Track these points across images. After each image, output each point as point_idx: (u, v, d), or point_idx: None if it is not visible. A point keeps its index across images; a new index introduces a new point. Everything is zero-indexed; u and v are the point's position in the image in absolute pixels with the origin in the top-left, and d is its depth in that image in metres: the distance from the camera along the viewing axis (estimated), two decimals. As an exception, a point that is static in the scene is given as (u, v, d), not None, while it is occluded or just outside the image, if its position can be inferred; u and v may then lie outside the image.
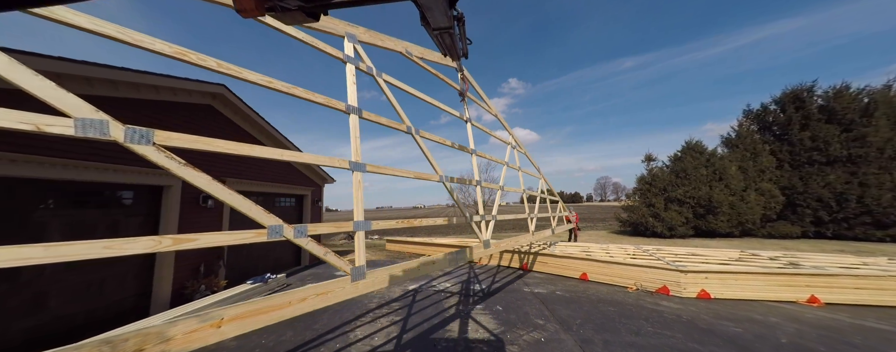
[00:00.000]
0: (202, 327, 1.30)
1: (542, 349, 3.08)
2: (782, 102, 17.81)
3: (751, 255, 6.36)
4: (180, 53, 1.47)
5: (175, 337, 1.20)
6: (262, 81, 1.76)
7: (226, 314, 1.37)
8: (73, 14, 1.24)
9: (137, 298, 4.29)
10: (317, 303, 1.68)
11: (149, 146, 1.26)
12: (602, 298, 4.79)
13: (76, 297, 3.71)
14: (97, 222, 4.08)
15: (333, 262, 1.80)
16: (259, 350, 3.17)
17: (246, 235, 1.49)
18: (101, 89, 3.87)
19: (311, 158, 1.88)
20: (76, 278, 3.61)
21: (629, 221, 17.58)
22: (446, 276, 6.38)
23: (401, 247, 11.57)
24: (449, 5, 0.79)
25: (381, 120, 2.47)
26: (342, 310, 4.31)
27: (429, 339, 3.35)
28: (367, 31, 2.55)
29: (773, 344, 3.17)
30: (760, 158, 16.57)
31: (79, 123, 1.10)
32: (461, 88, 3.50)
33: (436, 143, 3.19)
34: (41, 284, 3.36)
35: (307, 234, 1.69)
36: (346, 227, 1.97)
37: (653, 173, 18.07)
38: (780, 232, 15.05)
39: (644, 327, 3.60)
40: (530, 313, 4.14)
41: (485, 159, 4.20)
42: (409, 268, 2.29)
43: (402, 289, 5.38)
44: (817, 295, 4.57)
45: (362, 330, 3.65)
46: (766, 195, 15.60)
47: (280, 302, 1.55)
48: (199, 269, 4.72)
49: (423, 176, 2.84)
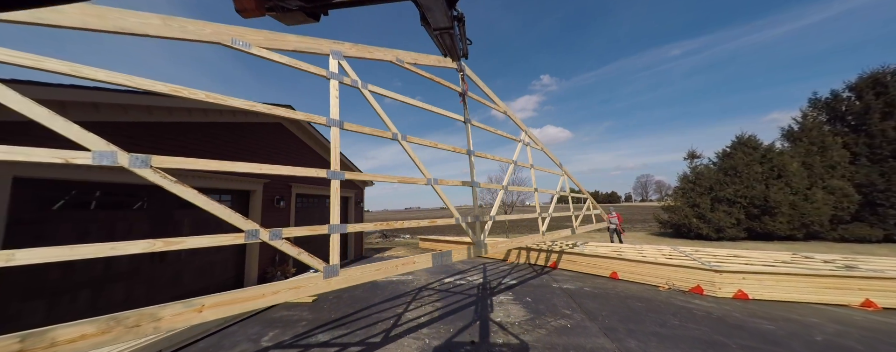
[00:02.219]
0: (186, 311, 1.48)
1: (569, 333, 3.45)
2: (859, 89, 15.69)
3: (803, 257, 6.01)
4: (175, 91, 1.64)
5: (165, 317, 1.42)
6: (245, 106, 1.92)
7: (206, 302, 1.54)
8: (90, 70, 1.41)
9: (235, 278, 5.42)
10: (289, 296, 1.81)
11: (147, 169, 1.45)
12: (631, 294, 4.95)
13: (198, 275, 4.90)
14: (209, 218, 5.23)
15: (307, 260, 1.93)
16: (329, 323, 3.91)
17: (224, 238, 1.62)
18: (216, 117, 5.19)
19: (290, 169, 2.04)
20: (198, 261, 4.76)
21: (670, 222, 16.62)
22: (477, 271, 6.85)
23: (431, 244, 12.21)
24: (449, 5, 0.80)
25: (363, 129, 2.52)
26: (391, 293, 4.99)
27: (464, 318, 3.86)
28: (354, 45, 2.60)
29: (804, 341, 3.21)
30: (830, 151, 14.78)
31: (96, 155, 1.33)
32: (461, 88, 3.43)
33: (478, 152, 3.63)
34: (178, 265, 4.53)
35: (282, 236, 1.81)
36: (323, 230, 2.08)
37: (697, 171, 16.89)
38: (856, 235, 13.32)
39: (670, 321, 3.78)
40: (558, 304, 4.48)
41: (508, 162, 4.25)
42: (386, 268, 2.34)
43: (438, 281, 5.96)
44: (873, 299, 4.33)
45: (408, 311, 4.27)
46: (838, 193, 13.88)
47: (255, 294, 1.68)
48: (275, 258, 5.73)
49: (408, 180, 2.87)
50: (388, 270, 2.35)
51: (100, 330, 1.26)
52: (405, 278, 6.20)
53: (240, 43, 1.87)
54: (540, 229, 4.67)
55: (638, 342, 3.19)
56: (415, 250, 11.57)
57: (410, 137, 2.87)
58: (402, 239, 19.33)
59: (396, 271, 2.44)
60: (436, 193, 3.06)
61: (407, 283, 5.86)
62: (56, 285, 3.42)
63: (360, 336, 3.48)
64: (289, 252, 1.87)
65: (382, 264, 2.33)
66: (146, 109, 4.23)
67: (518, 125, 4.78)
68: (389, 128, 2.74)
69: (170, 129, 4.54)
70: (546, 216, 4.81)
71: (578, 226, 5.95)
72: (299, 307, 4.53)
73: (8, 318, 3.09)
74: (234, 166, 1.76)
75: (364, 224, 2.48)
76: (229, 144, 5.42)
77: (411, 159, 2.92)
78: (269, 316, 4.20)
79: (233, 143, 5.50)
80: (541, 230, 4.66)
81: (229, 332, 3.68)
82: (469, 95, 3.64)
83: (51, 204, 3.45)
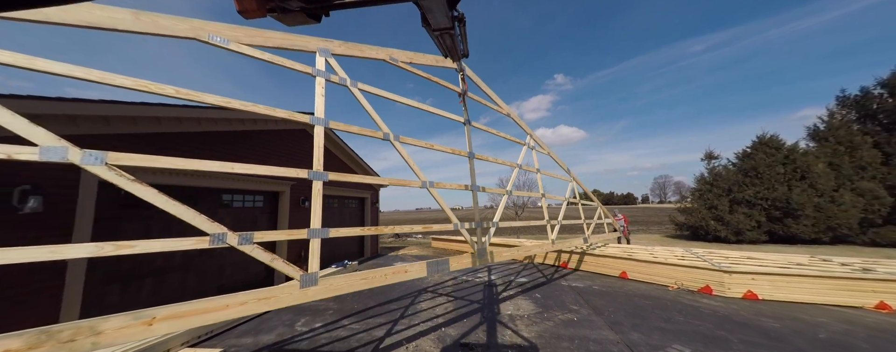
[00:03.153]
0: (133, 324, 1.32)
1: (575, 325, 3.67)
2: (892, 85, 14.95)
3: (820, 260, 5.95)
4: (142, 85, 1.55)
5: (105, 331, 1.26)
6: (220, 102, 1.77)
7: (158, 314, 1.39)
8: (44, 62, 1.34)
9: (266, 272, 5.91)
10: (257, 307, 1.67)
11: (101, 166, 1.37)
12: (639, 293, 5.09)
13: (237, 269, 5.47)
14: (245, 215, 5.88)
15: (280, 268, 1.78)
16: (353, 312, 4.29)
17: (185, 242, 1.51)
18: (251, 125, 5.73)
19: (268, 169, 1.93)
20: (237, 256, 5.28)
21: (687, 224, 16.28)
22: (487, 270, 7.10)
23: (444, 244, 12.51)
24: (450, 6, 0.78)
25: (351, 129, 2.40)
26: (408, 288, 5.33)
27: (476, 311, 4.14)
28: (343, 43, 2.48)
29: (808, 338, 3.31)
30: (860, 152, 14.14)
31: (43, 150, 1.25)
32: (461, 89, 3.35)
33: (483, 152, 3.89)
34: (221, 259, 5.09)
35: (253, 241, 1.68)
36: (301, 234, 1.92)
37: (715, 172, 16.48)
38: (888, 239, 12.67)
39: (675, 317, 3.93)
40: (566, 300, 4.69)
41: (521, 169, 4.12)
42: (374, 277, 2.20)
43: (452, 278, 6.26)
44: (888, 302, 4.31)
45: (424, 303, 4.59)
46: (868, 196, 13.27)
47: (216, 305, 1.54)
48: (300, 254, 6.18)
49: (402, 183, 2.81)
50: (376, 279, 2.20)
51: (27, 345, 1.12)
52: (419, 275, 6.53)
53: (217, 39, 1.80)
54: (549, 237, 4.60)
55: (641, 335, 3.38)
56: (427, 250, 11.91)
57: (403, 138, 2.76)
58: (415, 239, 19.73)
59: (386, 280, 2.28)
60: (433, 197, 2.97)
61: (421, 279, 6.19)
62: (128, 272, 4.05)
63: (382, 323, 3.82)
64: (260, 258, 1.71)
65: (370, 272, 2.19)
66: (155, 121, 4.29)
67: (523, 128, 4.74)
68: (380, 128, 2.64)
69: (179, 138, 4.59)
70: (556, 224, 4.74)
71: (591, 234, 5.80)
72: (325, 299, 4.93)
73: (95, 298, 3.68)
74: (200, 165, 1.63)
75: (348, 229, 2.32)
76: (249, 151, 5.79)
77: (405, 161, 2.83)
78: (299, 305, 4.61)
79: (252, 150, 5.84)
80: (550, 239, 4.60)
81: (266, 318, 4.10)
82: (469, 95, 3.54)
83: (123, 204, 3.99)
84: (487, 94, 4.17)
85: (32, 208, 3.09)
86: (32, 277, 3.17)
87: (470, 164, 3.40)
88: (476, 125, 3.71)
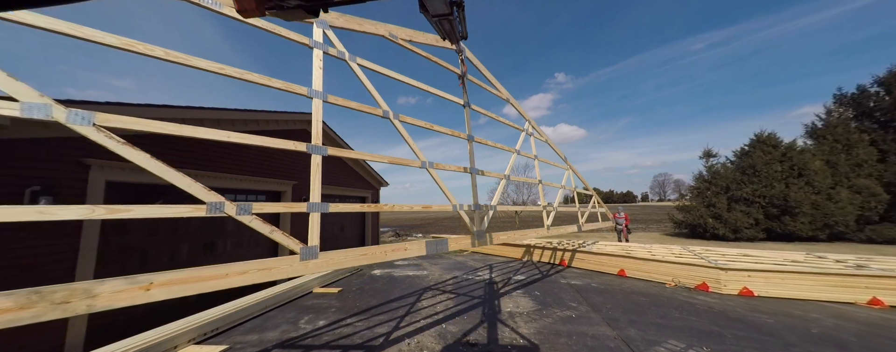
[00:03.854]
0: (130, 289, 1.30)
1: (573, 322, 3.75)
2: (888, 83, 15.07)
3: (816, 257, 6.05)
4: (128, 44, 1.52)
5: (101, 294, 1.23)
6: (214, 68, 1.73)
7: (156, 279, 1.36)
8: (29, 15, 1.29)
9: None
10: (257, 277, 1.63)
11: (89, 127, 1.32)
12: (636, 290, 5.18)
13: None
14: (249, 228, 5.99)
15: (280, 240, 1.75)
16: (356, 310, 4.36)
17: (182, 209, 1.47)
18: (242, 126, 5.69)
19: (263, 140, 1.87)
20: (242, 254, 5.41)
21: (685, 222, 16.40)
22: (487, 269, 7.18)
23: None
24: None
25: (351, 104, 2.38)
26: (409, 287, 5.41)
27: (476, 309, 4.22)
28: (342, 15, 2.46)
29: (800, 333, 3.40)
30: (856, 149, 14.27)
31: (25, 106, 1.20)
32: (461, 70, 3.33)
33: (488, 146, 3.83)
34: (225, 258, 5.18)
35: (252, 212, 1.64)
36: (300, 208, 1.88)
37: (713, 171, 16.59)
38: (885, 236, 12.81)
39: (672, 314, 4.01)
40: (565, 298, 4.77)
41: (522, 160, 4.39)
42: (374, 253, 2.17)
43: (451, 277, 6.34)
44: (880, 297, 4.40)
45: (425, 301, 4.67)
46: (864, 193, 13.40)
47: (216, 273, 1.49)
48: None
49: (402, 161, 2.72)
50: (375, 255, 2.18)
51: (18, 305, 1.09)
52: (420, 274, 6.61)
53: (209, 1, 1.78)
54: (544, 223, 4.59)
55: (638, 331, 3.46)
56: (428, 249, 12.00)
57: (403, 117, 2.71)
58: (414, 238, 19.84)
59: (386, 257, 2.24)
60: (431, 177, 2.92)
61: (422, 277, 6.27)
62: (135, 271, 4.09)
63: (385, 321, 3.90)
64: (259, 229, 1.67)
65: (369, 249, 2.16)
66: None
67: (522, 115, 4.70)
68: (380, 105, 2.59)
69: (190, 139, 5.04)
70: (551, 210, 4.73)
71: (585, 222, 5.87)
72: (328, 297, 5.01)
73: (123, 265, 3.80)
74: (193, 132, 1.61)
75: (349, 205, 2.24)
76: (253, 159, 5.93)
77: (404, 140, 2.77)
78: (303, 303, 4.69)
79: (269, 150, 6.08)
80: (545, 225, 4.58)
81: (270, 315, 4.18)
82: (469, 78, 3.51)
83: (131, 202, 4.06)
84: (487, 78, 4.12)
85: (41, 210, 3.16)
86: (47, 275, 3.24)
87: (469, 146, 3.37)
88: (475, 108, 3.65)
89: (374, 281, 6.02)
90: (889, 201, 13.16)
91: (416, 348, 3.17)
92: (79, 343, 3.52)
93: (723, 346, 3.09)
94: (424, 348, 3.16)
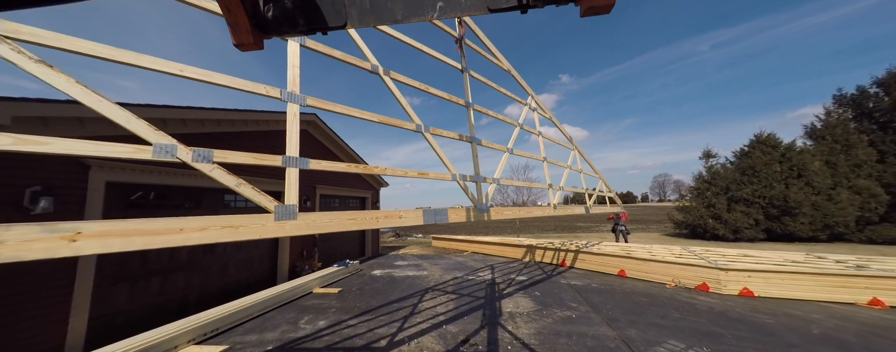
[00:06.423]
0: (46, 238, 1.07)
1: (573, 322, 3.75)
2: (887, 84, 15.10)
3: (816, 257, 6.05)
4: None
5: (8, 241, 1.00)
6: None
7: (84, 229, 1.12)
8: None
9: (270, 272, 6.08)
10: (220, 235, 1.41)
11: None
12: (636, 291, 5.18)
13: (241, 268, 5.62)
14: None
15: (249, 194, 1.55)
16: (356, 310, 4.36)
17: (122, 148, 1.30)
18: (254, 126, 5.88)
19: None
20: (241, 255, 5.42)
21: (685, 222, 16.40)
22: (488, 269, 7.18)
23: (445, 244, 12.58)
24: None
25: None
26: (409, 287, 5.41)
27: (477, 309, 4.22)
28: None
29: (800, 334, 3.40)
30: (855, 150, 14.29)
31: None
32: (458, 33, 3.15)
33: None
34: (224, 258, 5.18)
35: (213, 160, 1.47)
36: (275, 161, 1.70)
37: (713, 171, 16.60)
38: (884, 237, 12.81)
39: (672, 314, 4.01)
40: (565, 298, 4.77)
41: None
42: (364, 219, 1.95)
43: (452, 277, 6.34)
44: (881, 298, 4.40)
45: (426, 302, 4.67)
46: (864, 193, 13.41)
47: (169, 227, 1.28)
48: (303, 253, 6.29)
49: (395, 122, 2.52)
50: (366, 221, 1.98)
51: None
52: (421, 274, 6.61)
53: None
54: (551, 202, 4.33)
55: (638, 331, 3.46)
56: (428, 249, 11.99)
57: (394, 74, 2.55)
58: (415, 238, 19.82)
59: (376, 223, 2.05)
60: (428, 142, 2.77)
61: (423, 278, 6.27)
62: (135, 272, 4.11)
63: (385, 322, 3.89)
64: (224, 181, 1.49)
65: (359, 213, 1.95)
66: (182, 122, 4.76)
67: (524, 89, 4.50)
68: (369, 59, 2.43)
69: (196, 139, 4.89)
70: (557, 189, 4.47)
71: (592, 204, 5.62)
72: (328, 297, 5.01)
73: (104, 297, 3.76)
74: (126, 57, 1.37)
75: (331, 163, 1.96)
76: (273, 148, 6.00)
77: (397, 101, 2.60)
78: (302, 304, 4.68)
79: (277, 148, 6.07)
80: (552, 203, 4.31)
81: (269, 316, 4.17)
82: (466, 42, 3.33)
83: (129, 205, 4.09)
84: (487, 46, 3.95)
85: (44, 209, 3.16)
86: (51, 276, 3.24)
87: (468, 113, 3.19)
88: (473, 75, 3.46)
89: (375, 281, 6.02)
90: (889, 202, 13.16)
91: (417, 349, 3.17)
92: (79, 343, 3.52)
93: (723, 346, 3.09)
94: (425, 348, 3.16)
